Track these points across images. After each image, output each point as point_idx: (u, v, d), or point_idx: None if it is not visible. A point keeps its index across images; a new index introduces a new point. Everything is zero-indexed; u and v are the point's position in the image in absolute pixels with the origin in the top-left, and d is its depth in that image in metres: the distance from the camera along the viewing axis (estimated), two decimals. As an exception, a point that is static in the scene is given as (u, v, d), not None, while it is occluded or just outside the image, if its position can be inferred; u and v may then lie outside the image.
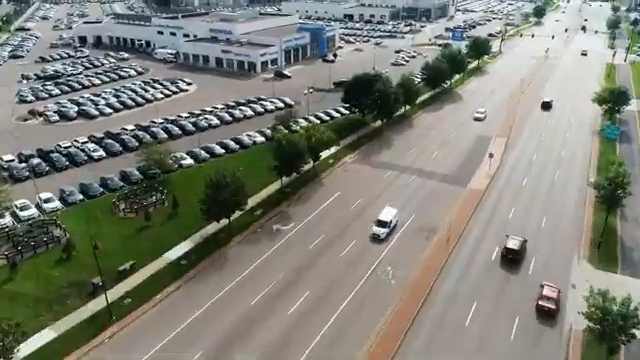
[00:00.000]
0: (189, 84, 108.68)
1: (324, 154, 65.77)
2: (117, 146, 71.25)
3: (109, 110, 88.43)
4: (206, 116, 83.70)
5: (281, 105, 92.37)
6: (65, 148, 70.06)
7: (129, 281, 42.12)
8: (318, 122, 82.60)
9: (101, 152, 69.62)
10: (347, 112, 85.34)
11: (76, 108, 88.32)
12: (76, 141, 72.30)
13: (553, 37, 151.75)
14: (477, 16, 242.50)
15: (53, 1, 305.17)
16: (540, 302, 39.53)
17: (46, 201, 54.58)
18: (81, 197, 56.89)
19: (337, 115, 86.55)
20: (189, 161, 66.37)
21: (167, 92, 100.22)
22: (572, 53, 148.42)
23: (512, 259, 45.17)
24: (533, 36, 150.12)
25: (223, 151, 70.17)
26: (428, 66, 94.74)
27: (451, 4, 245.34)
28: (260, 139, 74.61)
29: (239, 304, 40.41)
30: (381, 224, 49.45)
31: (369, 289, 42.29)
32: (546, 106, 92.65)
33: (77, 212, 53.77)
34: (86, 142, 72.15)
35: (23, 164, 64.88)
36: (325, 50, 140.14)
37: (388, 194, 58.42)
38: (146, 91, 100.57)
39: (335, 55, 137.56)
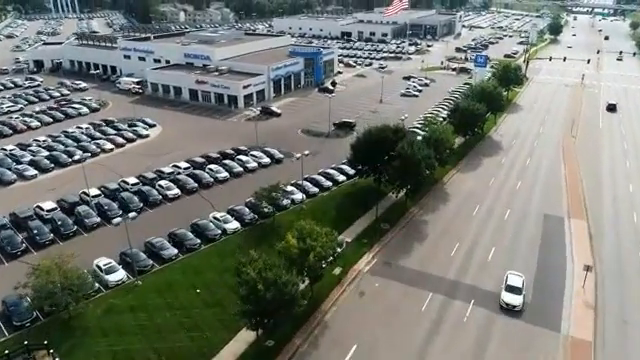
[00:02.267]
0: (151, 126, 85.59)
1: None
2: (18, 241, 47.83)
3: (32, 172, 65.03)
4: (161, 183, 60.46)
5: (266, 161, 69.49)
6: (-63, 247, 46.64)
7: None
8: (317, 191, 59.92)
9: (-10, 254, 46.26)
10: (354, 171, 62.48)
11: (-14, 169, 65.10)
12: (-43, 233, 48.92)
13: (589, 61, 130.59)
14: (486, 33, 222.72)
15: (27, 17, 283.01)
16: None
17: None
18: None
19: (342, 178, 63.64)
20: (119, 275, 42.89)
21: (120, 140, 76.99)
22: (611, 80, 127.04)
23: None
24: (565, 59, 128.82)
25: (175, 252, 46.80)
26: (459, 108, 72.28)
27: (458, 21, 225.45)
28: (234, 225, 51.41)
29: None
30: None
31: None
32: (611, 108, 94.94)
33: None
34: (-28, 235, 48.78)
35: None
36: (322, 77, 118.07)
37: (436, 350, 35.29)
38: (92, 139, 77.41)
39: (334, 83, 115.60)
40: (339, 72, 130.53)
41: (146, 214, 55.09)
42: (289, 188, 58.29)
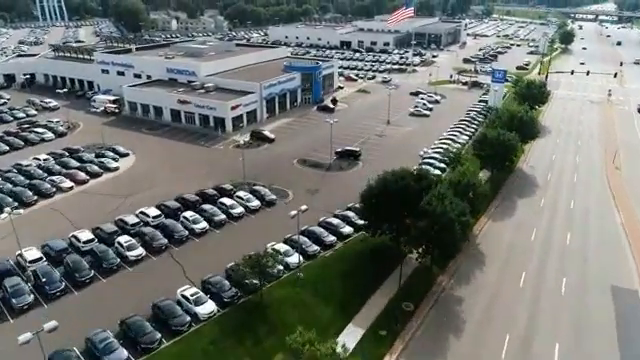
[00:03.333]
0: (123, 156, 73.35)
1: None
2: None
3: (-36, 222, 52.65)
4: (121, 240, 47.80)
5: (255, 204, 56.97)
6: None
7: None
8: (317, 250, 47.56)
9: None
10: (363, 221, 50.13)
11: None
12: None
13: (615, 75, 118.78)
14: (492, 42, 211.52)
15: (12, 25, 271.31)
16: None
17: None
18: None
19: (347, 230, 51.19)
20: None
21: (81, 176, 64.51)
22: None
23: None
24: (589, 73, 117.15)
25: (124, 356, 34.11)
26: (487, 140, 60.03)
27: (463, 29, 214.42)
28: (208, 308, 38.83)
29: None
30: None
31: None
32: None
33: None
34: None
35: None
36: (321, 94, 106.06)
37: None
38: (49, 174, 65.03)
39: (334, 101, 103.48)
40: (339, 87, 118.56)
41: (97, 286, 42.65)
42: (282, 247, 46.12)
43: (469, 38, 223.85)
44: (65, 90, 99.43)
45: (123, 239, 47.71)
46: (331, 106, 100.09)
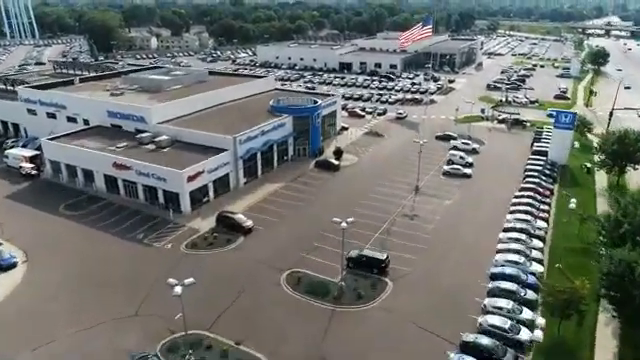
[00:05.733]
0: (7, 268, 45.35)
1: None
2: None
3: None
4: None
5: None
6: None
7: None
8: None
9: None
10: None
11: None
12: None
13: None
14: (510, 62, 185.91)
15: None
16: None
17: None
18: None
19: None
20: None
21: None
22: None
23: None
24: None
25: None
26: (634, 277, 32.21)
27: (479, 48, 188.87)
28: None
29: None
30: None
31: None
32: None
33: None
34: None
35: None
36: (320, 144, 78.50)
37: None
38: None
39: (339, 152, 76.01)
40: (343, 128, 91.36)
41: None
42: None
43: (484, 57, 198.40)
44: None
45: None
46: (335, 162, 72.55)
